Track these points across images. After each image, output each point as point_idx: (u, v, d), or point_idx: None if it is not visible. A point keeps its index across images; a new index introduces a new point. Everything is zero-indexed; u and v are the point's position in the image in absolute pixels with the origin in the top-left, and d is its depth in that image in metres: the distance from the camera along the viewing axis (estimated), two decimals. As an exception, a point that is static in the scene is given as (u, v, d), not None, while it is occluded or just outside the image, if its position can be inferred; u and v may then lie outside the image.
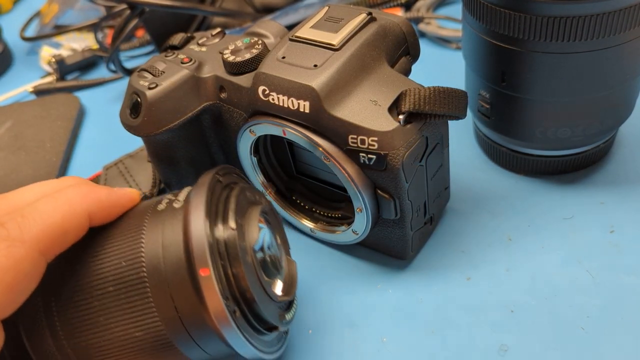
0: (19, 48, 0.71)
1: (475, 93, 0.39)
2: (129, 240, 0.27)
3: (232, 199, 0.29)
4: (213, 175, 0.29)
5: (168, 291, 0.26)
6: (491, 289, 0.35)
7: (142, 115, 0.36)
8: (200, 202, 0.27)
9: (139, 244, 0.27)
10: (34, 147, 0.53)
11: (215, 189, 0.28)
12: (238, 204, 0.29)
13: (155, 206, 0.29)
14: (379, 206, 0.33)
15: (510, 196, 0.40)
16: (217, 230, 0.27)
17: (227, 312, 0.26)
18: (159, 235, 0.27)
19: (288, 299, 0.31)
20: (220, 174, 0.30)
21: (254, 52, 0.35)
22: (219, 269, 0.26)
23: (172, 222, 0.27)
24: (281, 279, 0.31)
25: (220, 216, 0.27)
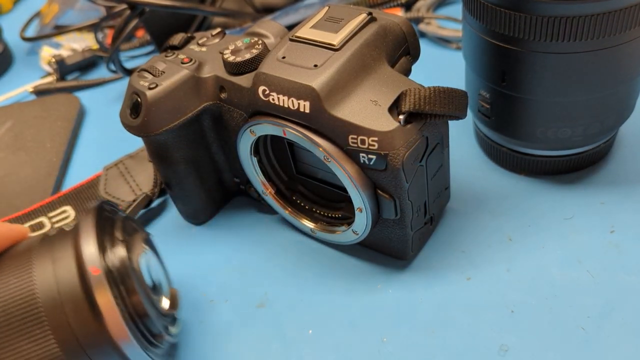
0: (19, 48, 0.71)
1: (476, 93, 0.39)
2: (19, 268, 0.28)
3: (117, 222, 0.31)
4: (98, 204, 0.31)
5: (65, 316, 0.27)
6: (491, 289, 0.35)
7: (142, 116, 0.36)
8: (90, 224, 0.29)
9: (30, 270, 0.28)
10: (34, 147, 0.53)
11: (102, 214, 0.31)
12: (124, 226, 0.31)
13: (46, 233, 0.31)
14: (379, 206, 0.33)
15: (511, 196, 0.40)
16: (108, 249, 0.29)
17: (127, 329, 0.27)
18: (49, 260, 0.28)
19: (173, 313, 0.33)
20: (105, 204, 0.32)
21: (254, 52, 0.35)
22: (114, 286, 0.28)
23: (62, 243, 0.29)
24: (166, 297, 0.33)
25: (108, 236, 0.30)
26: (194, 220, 0.44)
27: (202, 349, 0.35)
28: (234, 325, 0.36)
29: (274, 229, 0.42)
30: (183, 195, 0.42)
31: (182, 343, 0.36)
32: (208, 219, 0.44)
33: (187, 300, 0.38)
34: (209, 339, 0.36)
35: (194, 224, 0.44)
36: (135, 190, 0.45)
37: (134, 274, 0.29)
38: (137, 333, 0.28)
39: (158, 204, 0.46)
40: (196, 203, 0.42)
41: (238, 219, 0.43)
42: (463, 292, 0.35)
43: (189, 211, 0.43)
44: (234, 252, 0.41)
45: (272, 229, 0.42)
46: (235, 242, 0.42)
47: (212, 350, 0.35)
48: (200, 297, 0.38)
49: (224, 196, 0.44)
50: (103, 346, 0.27)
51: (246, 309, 0.37)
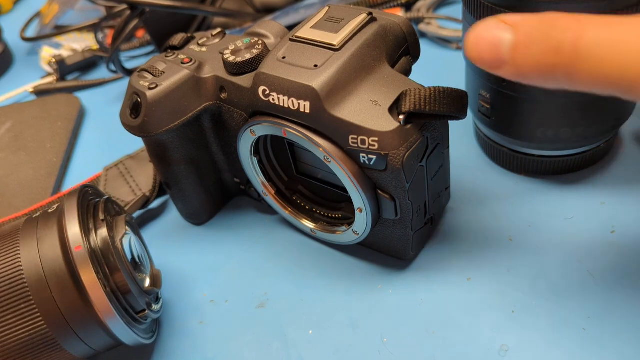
0: (20, 48, 0.71)
1: (476, 93, 0.39)
2: (5, 247, 0.29)
3: (100, 204, 0.33)
4: (82, 187, 0.33)
5: (49, 291, 0.28)
6: (492, 290, 0.35)
7: (142, 116, 0.36)
8: (73, 204, 0.30)
9: (15, 249, 0.29)
10: (35, 147, 0.53)
11: (85, 196, 0.32)
12: (106, 207, 0.33)
13: (30, 215, 0.32)
14: (379, 206, 0.33)
15: (511, 196, 0.40)
16: (91, 229, 0.30)
17: (110, 304, 0.29)
18: (34, 240, 0.30)
19: (155, 291, 0.34)
20: (87, 187, 0.34)
21: (255, 53, 0.35)
22: (96, 262, 0.29)
23: (46, 224, 0.30)
24: (148, 275, 0.34)
25: (91, 216, 0.31)
26: (194, 220, 0.44)
27: (202, 349, 0.35)
28: (234, 325, 0.36)
29: (274, 229, 0.42)
30: (183, 196, 0.42)
31: (182, 343, 0.36)
32: (208, 219, 0.44)
33: (187, 301, 0.38)
34: (209, 339, 0.36)
35: (194, 224, 0.44)
36: (136, 190, 0.45)
37: (116, 253, 0.30)
38: (120, 309, 0.30)
39: (159, 204, 0.46)
40: (196, 203, 0.42)
41: (238, 219, 0.43)
42: (463, 292, 0.35)
43: (189, 211, 0.43)
44: (234, 252, 0.41)
45: (272, 229, 0.42)
46: (235, 242, 0.42)
47: (212, 351, 0.35)
48: (201, 297, 0.38)
49: (224, 196, 0.44)
50: (88, 321, 0.29)
51: (246, 309, 0.37)
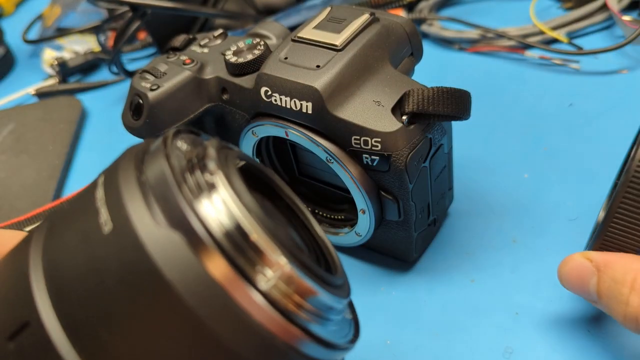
0: (22, 51, 0.71)
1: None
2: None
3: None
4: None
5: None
6: (496, 291, 0.35)
7: (144, 117, 0.36)
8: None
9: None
10: (37, 150, 0.53)
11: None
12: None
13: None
14: (382, 208, 0.33)
15: (515, 198, 0.40)
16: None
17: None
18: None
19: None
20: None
21: (256, 53, 0.34)
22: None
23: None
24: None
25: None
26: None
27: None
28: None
29: (276, 231, 0.41)
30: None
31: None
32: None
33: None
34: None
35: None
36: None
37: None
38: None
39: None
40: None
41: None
42: (467, 294, 0.35)
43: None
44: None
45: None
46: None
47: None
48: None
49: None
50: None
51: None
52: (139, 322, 0.17)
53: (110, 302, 0.17)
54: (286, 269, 0.18)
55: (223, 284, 0.17)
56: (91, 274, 0.18)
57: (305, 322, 0.19)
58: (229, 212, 0.18)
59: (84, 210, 0.19)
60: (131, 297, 0.17)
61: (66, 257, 0.19)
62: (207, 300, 0.17)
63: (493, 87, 0.49)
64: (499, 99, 0.48)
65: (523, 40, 0.51)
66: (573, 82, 0.49)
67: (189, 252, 0.17)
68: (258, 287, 0.18)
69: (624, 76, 0.48)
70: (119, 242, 0.18)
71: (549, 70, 0.50)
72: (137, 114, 0.36)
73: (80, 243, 0.18)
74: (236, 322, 0.17)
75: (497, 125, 0.46)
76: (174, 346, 0.17)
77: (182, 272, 0.17)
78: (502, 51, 0.53)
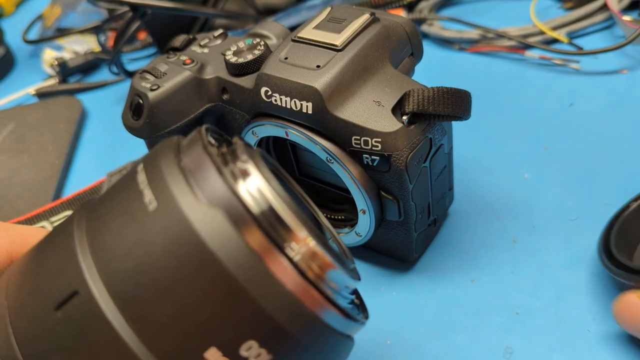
0: (22, 51, 0.71)
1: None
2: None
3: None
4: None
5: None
6: (496, 291, 0.35)
7: (144, 117, 0.36)
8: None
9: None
10: (37, 150, 0.53)
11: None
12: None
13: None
14: (382, 208, 0.33)
15: (515, 198, 0.40)
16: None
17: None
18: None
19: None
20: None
21: (257, 54, 0.34)
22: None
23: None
24: None
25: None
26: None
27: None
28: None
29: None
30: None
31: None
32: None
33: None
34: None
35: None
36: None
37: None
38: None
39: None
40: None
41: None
42: (467, 294, 0.35)
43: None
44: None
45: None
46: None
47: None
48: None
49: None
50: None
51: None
52: (184, 288, 0.19)
53: (157, 271, 0.19)
54: (311, 244, 0.20)
55: (260, 253, 0.19)
56: (137, 247, 0.19)
57: (327, 292, 0.21)
58: (261, 194, 0.20)
59: (126, 194, 0.21)
60: (176, 265, 0.19)
61: (112, 234, 0.20)
62: (246, 267, 0.19)
63: (493, 87, 0.50)
64: (499, 99, 0.48)
65: (523, 40, 0.51)
66: (573, 82, 0.49)
67: (229, 225, 0.19)
68: (289, 257, 0.20)
69: (624, 76, 0.48)
70: (164, 217, 0.19)
71: (549, 71, 0.50)
72: (138, 114, 0.36)
73: (126, 221, 0.20)
74: (270, 287, 0.19)
75: (497, 125, 0.46)
76: (216, 309, 0.19)
77: (224, 242, 0.19)
78: (502, 51, 0.53)
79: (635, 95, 0.46)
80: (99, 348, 0.19)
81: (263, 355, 0.19)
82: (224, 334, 0.19)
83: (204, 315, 0.19)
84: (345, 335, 0.22)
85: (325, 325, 0.21)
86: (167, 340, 0.19)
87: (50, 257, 0.21)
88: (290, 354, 0.20)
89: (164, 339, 0.19)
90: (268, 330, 0.19)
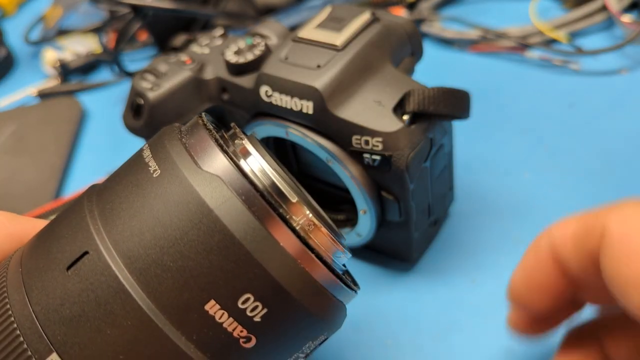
0: (22, 51, 0.71)
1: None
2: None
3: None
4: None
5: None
6: (497, 292, 0.35)
7: (144, 117, 0.36)
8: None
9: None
10: (37, 150, 0.53)
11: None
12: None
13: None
14: (383, 208, 0.33)
15: (516, 197, 0.40)
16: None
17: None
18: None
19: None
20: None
21: (257, 53, 0.34)
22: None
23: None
24: None
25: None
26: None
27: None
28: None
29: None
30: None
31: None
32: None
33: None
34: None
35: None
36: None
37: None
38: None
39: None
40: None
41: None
42: (468, 294, 0.35)
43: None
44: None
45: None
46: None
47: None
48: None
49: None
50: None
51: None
52: (184, 244, 0.20)
53: (159, 229, 0.20)
54: (309, 216, 0.22)
55: (257, 213, 0.20)
56: (142, 209, 0.21)
57: (322, 256, 0.22)
58: (262, 172, 0.22)
59: (132, 167, 0.23)
60: (177, 223, 0.20)
61: (119, 201, 0.21)
62: (243, 224, 0.20)
63: (493, 87, 0.49)
64: (499, 99, 0.48)
65: (523, 40, 0.51)
66: (573, 82, 0.49)
67: (228, 189, 0.20)
68: (287, 222, 0.21)
69: (624, 76, 0.48)
70: (167, 181, 0.21)
71: (549, 71, 0.50)
72: (138, 114, 0.36)
73: (132, 188, 0.21)
74: (267, 243, 0.20)
75: (497, 125, 0.46)
76: (214, 263, 0.20)
77: (223, 202, 0.20)
78: (502, 51, 0.53)
79: (635, 95, 0.46)
80: (107, 300, 0.20)
81: (259, 308, 0.20)
82: (222, 287, 0.20)
83: (204, 269, 0.20)
84: (338, 299, 0.23)
85: (320, 286, 0.22)
86: (170, 293, 0.20)
87: (62, 227, 0.23)
88: (285, 310, 0.21)
89: (167, 292, 0.20)
90: (264, 285, 0.20)
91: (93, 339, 0.20)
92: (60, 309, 0.20)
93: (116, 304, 0.20)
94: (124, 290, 0.20)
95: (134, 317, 0.20)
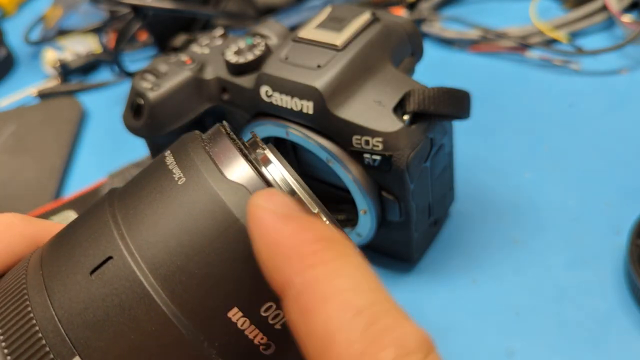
0: (23, 51, 0.71)
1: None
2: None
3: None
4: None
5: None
6: (497, 292, 0.35)
7: (144, 117, 0.36)
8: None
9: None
10: (37, 150, 0.53)
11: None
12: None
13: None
14: (383, 208, 0.33)
15: (516, 198, 0.40)
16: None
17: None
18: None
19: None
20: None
21: (257, 53, 0.34)
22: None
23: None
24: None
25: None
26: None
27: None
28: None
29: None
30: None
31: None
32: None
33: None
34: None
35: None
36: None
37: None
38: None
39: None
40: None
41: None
42: (468, 294, 0.35)
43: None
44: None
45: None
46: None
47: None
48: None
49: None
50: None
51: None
52: (209, 251, 0.20)
53: (184, 236, 0.20)
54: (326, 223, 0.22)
55: None
56: (167, 215, 0.21)
57: None
58: (283, 180, 0.22)
59: (155, 174, 0.23)
60: (203, 231, 0.20)
61: (143, 207, 0.22)
62: None
63: (493, 87, 0.49)
64: (500, 99, 0.48)
65: (523, 40, 0.51)
66: (573, 82, 0.49)
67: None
68: None
69: (624, 76, 0.48)
70: (193, 189, 0.21)
71: (549, 71, 0.50)
72: (138, 114, 0.36)
73: (156, 195, 0.22)
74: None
75: (497, 125, 0.46)
76: (238, 271, 0.20)
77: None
78: (502, 51, 0.53)
79: (635, 95, 0.46)
80: (131, 305, 0.20)
81: (280, 316, 0.21)
82: (246, 295, 0.20)
83: (228, 277, 0.20)
84: None
85: None
86: (194, 300, 0.20)
87: (84, 230, 0.23)
88: None
89: (191, 298, 0.20)
90: None
91: (116, 343, 0.20)
92: (83, 313, 0.20)
93: (140, 309, 0.20)
94: (148, 295, 0.20)
95: (157, 322, 0.20)
